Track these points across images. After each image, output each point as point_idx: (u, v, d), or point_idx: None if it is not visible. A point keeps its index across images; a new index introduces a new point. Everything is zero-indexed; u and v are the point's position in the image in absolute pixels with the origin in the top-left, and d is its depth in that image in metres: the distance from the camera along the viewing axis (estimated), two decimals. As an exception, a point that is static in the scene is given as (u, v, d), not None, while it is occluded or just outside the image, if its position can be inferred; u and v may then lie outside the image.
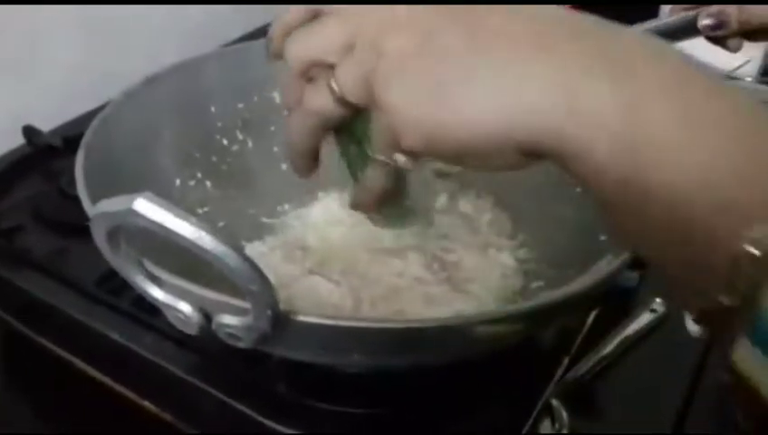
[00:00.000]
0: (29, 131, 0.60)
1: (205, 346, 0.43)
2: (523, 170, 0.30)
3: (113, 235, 0.29)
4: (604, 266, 0.38)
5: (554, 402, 0.47)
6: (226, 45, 0.72)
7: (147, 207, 0.26)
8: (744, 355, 0.24)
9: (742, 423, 0.26)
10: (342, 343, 0.32)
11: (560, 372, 0.46)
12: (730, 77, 0.77)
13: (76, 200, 0.38)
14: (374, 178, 0.34)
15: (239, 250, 0.27)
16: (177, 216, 0.26)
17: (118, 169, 0.43)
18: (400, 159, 0.31)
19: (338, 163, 0.37)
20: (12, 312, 0.50)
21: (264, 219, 0.53)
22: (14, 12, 0.63)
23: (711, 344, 0.50)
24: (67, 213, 0.53)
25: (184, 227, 0.26)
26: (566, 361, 0.46)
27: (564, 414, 0.47)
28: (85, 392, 0.47)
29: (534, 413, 0.43)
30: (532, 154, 0.28)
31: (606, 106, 0.25)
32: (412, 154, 0.31)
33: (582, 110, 0.25)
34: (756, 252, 0.23)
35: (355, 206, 0.37)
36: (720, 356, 0.26)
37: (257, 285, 0.28)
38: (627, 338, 0.53)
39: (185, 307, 0.32)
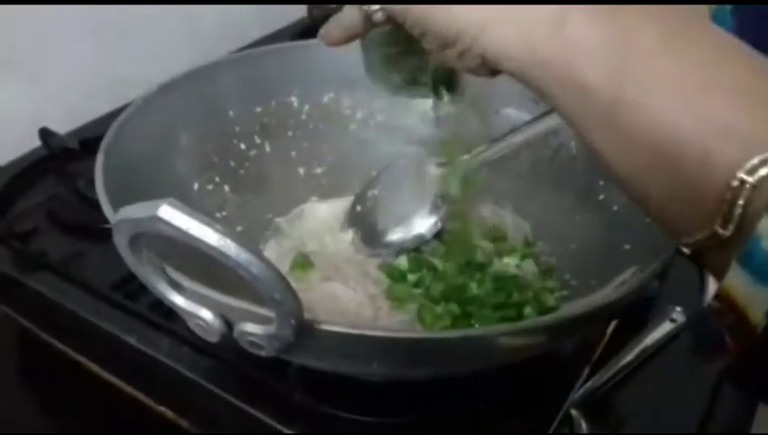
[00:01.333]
0: (45, 134, 0.60)
1: (222, 352, 0.42)
2: (543, 180, 0.30)
3: (135, 241, 0.29)
4: (629, 277, 0.38)
5: (573, 412, 0.47)
6: (242, 49, 0.72)
7: (171, 214, 0.26)
8: (734, 280, 0.24)
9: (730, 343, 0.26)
10: (365, 353, 0.32)
11: (580, 381, 0.45)
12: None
13: (92, 203, 0.38)
14: (347, 15, 0.36)
15: (263, 258, 0.27)
16: (202, 222, 0.26)
17: (136, 174, 0.43)
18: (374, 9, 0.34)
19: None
20: (26, 314, 0.50)
21: (282, 223, 0.53)
22: (28, 14, 0.63)
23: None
24: (83, 216, 0.53)
25: (208, 235, 0.26)
26: (587, 370, 0.46)
27: (583, 424, 0.46)
28: (100, 396, 0.46)
29: (555, 424, 0.42)
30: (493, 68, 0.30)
31: (593, 33, 0.26)
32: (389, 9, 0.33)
33: (570, 35, 0.26)
34: (752, 179, 0.23)
35: (321, 35, 0.39)
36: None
37: (281, 294, 0.28)
38: (646, 348, 0.52)
39: (206, 314, 0.31)
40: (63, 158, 0.59)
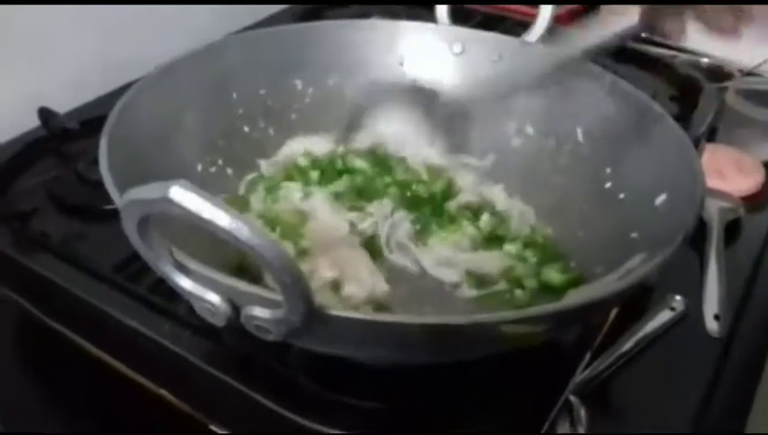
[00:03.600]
0: (45, 113, 0.59)
1: (223, 335, 0.42)
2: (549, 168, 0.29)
3: (143, 223, 0.29)
4: (635, 265, 0.38)
5: (573, 399, 0.47)
6: (244, 30, 0.71)
7: (183, 196, 0.26)
8: None
9: None
10: (373, 339, 0.32)
11: (580, 368, 0.45)
12: (751, 73, 0.76)
13: (93, 184, 0.37)
14: None
15: (275, 242, 0.27)
16: (214, 205, 0.26)
17: (138, 156, 0.43)
18: None
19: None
20: (27, 296, 0.49)
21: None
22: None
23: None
24: (84, 197, 0.52)
25: (221, 217, 0.26)
26: (587, 357, 0.46)
27: (582, 411, 0.47)
28: (101, 379, 0.46)
29: (554, 410, 0.42)
30: None
31: None
32: None
33: None
34: None
35: None
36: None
37: (291, 278, 0.27)
38: (645, 336, 0.52)
39: (213, 298, 0.31)
40: (63, 138, 0.59)
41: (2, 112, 0.60)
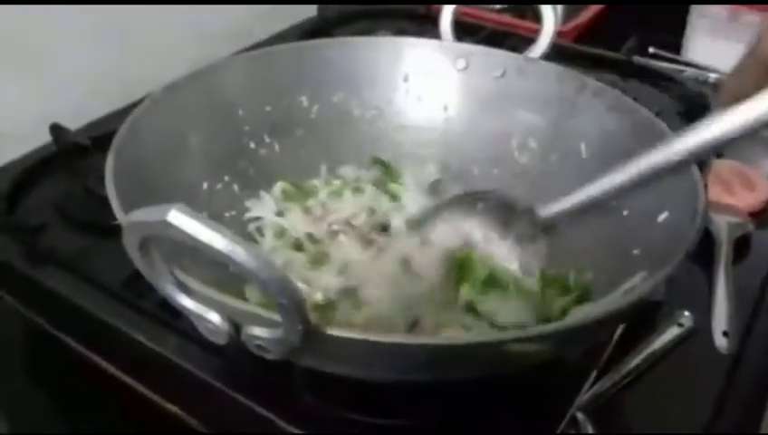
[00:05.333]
0: (56, 130, 0.60)
1: (230, 351, 0.42)
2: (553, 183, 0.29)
3: (145, 244, 0.29)
4: (639, 282, 0.37)
5: (579, 416, 0.47)
6: (249, 48, 0.72)
7: (180, 219, 0.26)
8: None
9: None
10: (372, 359, 0.32)
11: (587, 385, 0.45)
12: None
13: (102, 200, 0.38)
14: None
15: (272, 264, 0.27)
16: (211, 228, 0.26)
17: (146, 173, 0.43)
18: None
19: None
20: (35, 310, 0.50)
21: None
22: (37, 11, 0.63)
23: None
24: (93, 212, 0.53)
25: (217, 240, 0.26)
26: (594, 374, 0.46)
27: (589, 428, 0.46)
28: (108, 393, 0.47)
29: (560, 427, 0.42)
30: None
31: None
32: None
33: None
34: None
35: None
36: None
37: (289, 299, 0.28)
38: (653, 352, 0.52)
39: (214, 317, 0.32)
40: (74, 154, 0.59)
41: (14, 128, 0.61)
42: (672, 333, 0.53)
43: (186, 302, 0.32)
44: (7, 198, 0.55)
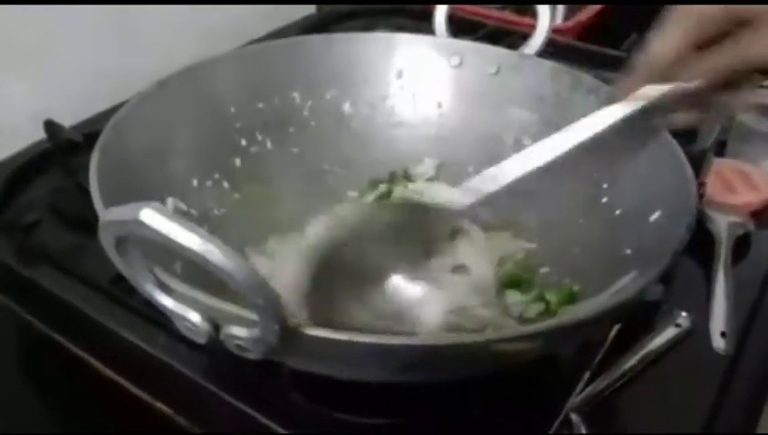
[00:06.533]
0: (50, 126, 0.60)
1: (218, 349, 0.42)
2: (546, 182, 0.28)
3: (122, 242, 0.29)
4: (628, 282, 0.37)
5: (573, 417, 0.46)
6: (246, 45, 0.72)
7: (153, 218, 0.26)
8: None
9: None
10: (352, 358, 0.31)
11: (580, 386, 0.44)
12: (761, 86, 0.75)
13: (95, 197, 0.38)
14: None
15: (246, 264, 0.26)
16: (185, 227, 0.26)
17: (135, 170, 0.43)
18: None
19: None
20: (27, 308, 0.50)
21: (282, 220, 0.52)
22: (34, 9, 0.63)
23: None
24: (85, 209, 0.52)
25: (191, 240, 0.26)
26: (587, 375, 0.45)
27: (583, 428, 0.46)
28: (99, 391, 0.47)
29: (553, 428, 0.41)
30: None
31: None
32: None
33: None
34: None
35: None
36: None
37: (264, 300, 0.27)
38: (650, 353, 0.51)
39: (194, 316, 0.31)
40: (68, 151, 0.59)
41: (8, 124, 0.61)
42: (669, 333, 0.53)
43: (165, 301, 0.31)
44: (0, 195, 0.55)
